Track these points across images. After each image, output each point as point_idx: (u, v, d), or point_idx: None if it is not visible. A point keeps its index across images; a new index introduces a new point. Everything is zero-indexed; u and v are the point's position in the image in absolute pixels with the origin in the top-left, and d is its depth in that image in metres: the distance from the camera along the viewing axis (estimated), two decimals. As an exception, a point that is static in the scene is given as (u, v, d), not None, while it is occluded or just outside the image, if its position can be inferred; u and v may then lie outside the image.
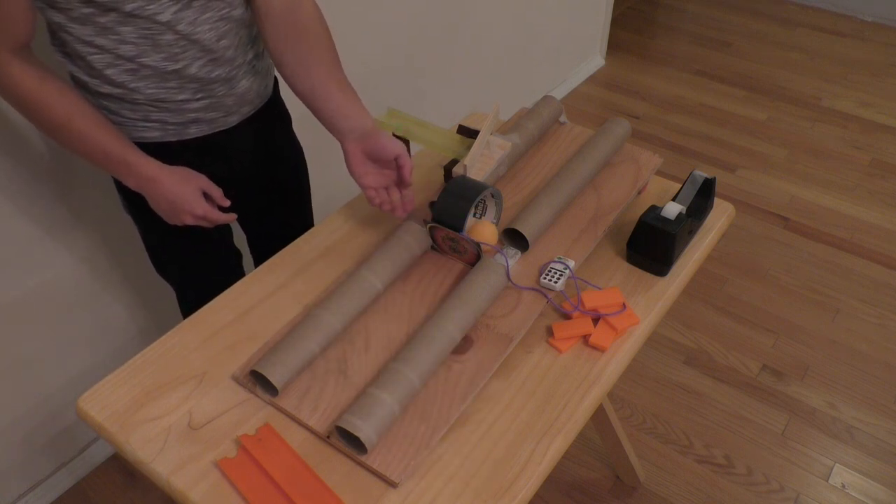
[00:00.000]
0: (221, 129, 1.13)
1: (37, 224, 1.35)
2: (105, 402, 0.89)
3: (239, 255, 1.37)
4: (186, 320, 0.99)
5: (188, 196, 1.05)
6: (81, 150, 1.00)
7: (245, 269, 1.35)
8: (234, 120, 1.14)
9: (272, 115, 1.24)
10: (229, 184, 1.23)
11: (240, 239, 1.41)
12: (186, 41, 0.99)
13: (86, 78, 1.00)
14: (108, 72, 0.98)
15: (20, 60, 0.92)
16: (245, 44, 1.09)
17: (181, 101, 1.05)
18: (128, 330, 1.63)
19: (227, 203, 1.10)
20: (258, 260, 1.44)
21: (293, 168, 1.34)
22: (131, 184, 1.03)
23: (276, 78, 1.26)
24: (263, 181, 1.28)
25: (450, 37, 2.23)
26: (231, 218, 1.11)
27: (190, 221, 1.06)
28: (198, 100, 1.06)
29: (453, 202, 1.00)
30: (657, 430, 1.76)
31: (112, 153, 1.00)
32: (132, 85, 1.00)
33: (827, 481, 1.65)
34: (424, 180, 1.24)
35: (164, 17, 0.95)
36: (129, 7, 0.91)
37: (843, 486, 1.64)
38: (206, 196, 1.09)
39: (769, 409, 1.80)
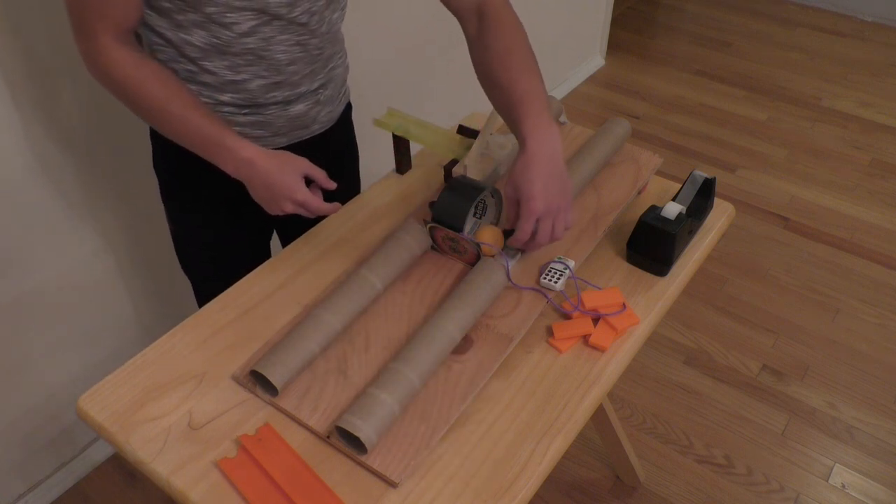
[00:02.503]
0: (268, 147, 1.08)
1: (37, 224, 1.35)
2: (105, 402, 0.89)
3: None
4: (186, 320, 0.99)
5: (287, 180, 0.96)
6: (179, 134, 0.96)
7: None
8: (282, 141, 1.11)
9: (336, 143, 1.21)
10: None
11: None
12: (253, 56, 0.98)
13: None
14: (168, 66, 0.99)
15: (121, 45, 0.91)
16: (316, 73, 1.07)
17: (226, 112, 1.03)
18: (128, 330, 1.63)
19: (332, 186, 1.02)
20: None
21: (346, 201, 1.25)
22: (229, 169, 0.97)
23: (349, 106, 1.23)
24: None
25: (450, 36, 2.22)
26: (335, 208, 1.01)
27: (290, 209, 0.98)
28: (244, 114, 1.05)
29: (453, 202, 1.00)
30: (657, 430, 1.76)
31: (210, 136, 0.95)
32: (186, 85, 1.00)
33: (827, 481, 1.66)
34: (424, 180, 1.24)
35: (241, 29, 0.95)
36: (209, 9, 0.91)
37: (843, 486, 1.64)
38: (309, 182, 1.02)
39: (769, 409, 1.80)
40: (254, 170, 0.95)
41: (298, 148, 1.13)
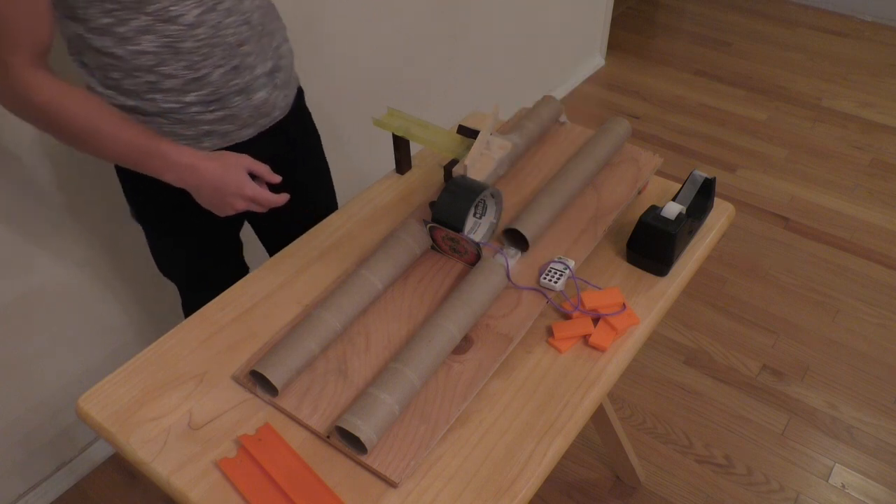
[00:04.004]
0: (236, 142, 1.10)
1: (37, 224, 1.35)
2: (105, 402, 0.89)
3: (247, 269, 1.36)
4: (186, 320, 0.99)
5: (233, 177, 0.98)
6: (112, 154, 0.95)
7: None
8: (249, 133, 1.12)
9: (294, 129, 1.21)
10: None
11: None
12: (208, 47, 0.98)
13: (100, 89, 1.00)
14: (125, 83, 0.98)
15: (38, 69, 0.88)
16: (265, 51, 1.08)
17: (194, 112, 1.03)
18: (128, 330, 1.63)
19: (276, 179, 1.04)
20: None
21: (316, 185, 1.30)
22: (171, 178, 0.96)
23: (300, 91, 1.24)
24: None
25: (450, 37, 2.23)
26: (283, 199, 1.04)
27: (241, 206, 0.99)
28: (211, 111, 1.05)
29: (453, 202, 1.00)
30: (657, 430, 1.76)
31: (146, 147, 0.94)
32: (147, 96, 0.99)
33: (827, 481, 1.65)
34: (424, 180, 1.24)
35: (188, 20, 0.94)
36: (151, 8, 0.91)
37: (843, 486, 1.64)
38: (253, 177, 1.04)
39: (769, 409, 1.80)
40: (198, 174, 0.96)
41: (264, 137, 1.14)
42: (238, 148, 1.10)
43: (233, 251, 1.31)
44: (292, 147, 1.23)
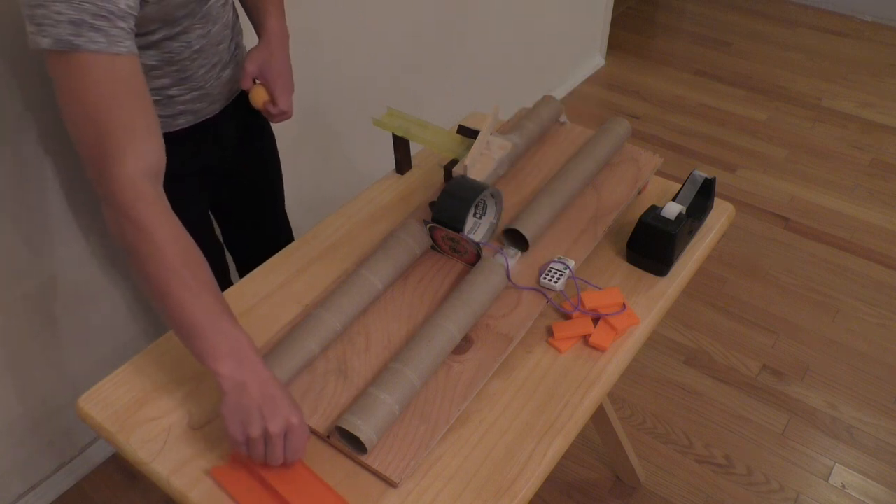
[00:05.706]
0: (207, 117, 1.15)
1: (37, 223, 1.35)
2: (105, 402, 0.89)
3: (222, 250, 1.40)
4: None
5: (288, 399, 0.78)
6: (177, 301, 0.78)
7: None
8: (216, 108, 1.17)
9: (247, 101, 1.27)
10: (218, 173, 1.26)
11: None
12: (198, 54, 1.05)
13: None
14: None
15: (154, 184, 0.80)
16: (230, 39, 1.14)
17: (172, 95, 1.08)
18: (128, 330, 1.63)
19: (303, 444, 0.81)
20: (231, 248, 1.47)
21: (269, 155, 1.37)
22: (225, 357, 0.78)
23: None
24: (242, 169, 1.31)
25: (450, 37, 2.23)
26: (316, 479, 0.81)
27: (275, 429, 0.76)
28: (187, 94, 1.10)
29: (453, 202, 1.00)
30: (657, 430, 1.76)
31: (217, 319, 0.79)
32: None
33: (827, 481, 1.65)
34: (424, 180, 1.24)
35: (190, 38, 1.02)
36: (177, 30, 0.97)
37: (843, 486, 1.64)
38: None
39: (769, 409, 1.80)
40: (255, 372, 0.78)
41: (228, 110, 1.19)
42: (209, 122, 1.16)
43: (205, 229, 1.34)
44: (252, 115, 1.28)
